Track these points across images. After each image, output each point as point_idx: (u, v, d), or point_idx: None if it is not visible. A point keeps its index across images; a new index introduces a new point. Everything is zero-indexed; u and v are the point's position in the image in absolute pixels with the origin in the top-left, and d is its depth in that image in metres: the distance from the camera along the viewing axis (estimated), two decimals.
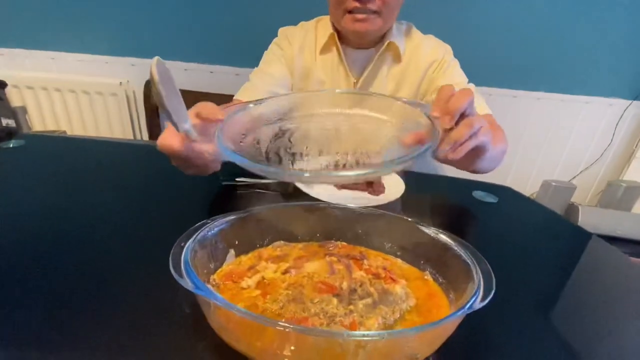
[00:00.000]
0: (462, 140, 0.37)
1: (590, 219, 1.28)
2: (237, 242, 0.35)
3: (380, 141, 0.40)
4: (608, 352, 0.34)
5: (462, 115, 0.38)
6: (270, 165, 0.36)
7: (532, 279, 0.45)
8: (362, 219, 0.43)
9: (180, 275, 0.26)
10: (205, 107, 0.36)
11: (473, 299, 0.27)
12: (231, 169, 0.45)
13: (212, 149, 0.39)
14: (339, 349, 0.24)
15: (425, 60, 0.77)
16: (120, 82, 1.36)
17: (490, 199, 0.70)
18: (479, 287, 0.29)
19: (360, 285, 0.32)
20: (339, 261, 0.36)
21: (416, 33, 0.80)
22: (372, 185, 0.64)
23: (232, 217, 0.36)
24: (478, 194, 0.71)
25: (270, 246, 0.39)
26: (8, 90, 1.30)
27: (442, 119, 0.36)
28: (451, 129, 0.37)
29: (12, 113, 1.22)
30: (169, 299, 0.32)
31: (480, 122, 0.38)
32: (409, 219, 0.40)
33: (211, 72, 1.41)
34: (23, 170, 0.63)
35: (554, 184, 1.37)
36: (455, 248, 0.35)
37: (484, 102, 0.74)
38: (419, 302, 0.33)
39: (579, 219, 1.25)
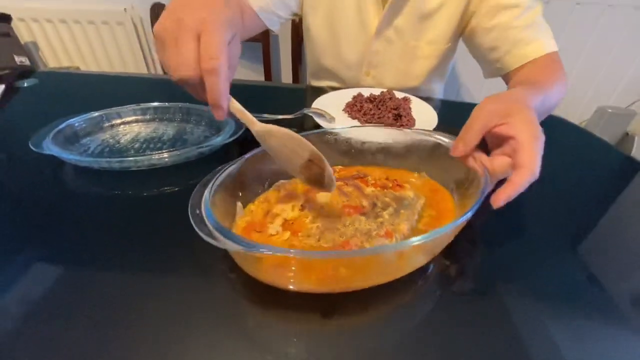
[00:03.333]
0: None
1: None
2: (240, 194, 0.33)
3: None
4: None
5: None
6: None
7: (575, 215, 0.40)
8: (347, 138, 0.42)
9: (217, 239, 0.24)
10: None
11: (484, 179, 0.30)
12: None
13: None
14: (386, 258, 0.26)
15: None
16: (125, 9, 1.26)
17: None
18: (485, 174, 0.30)
19: (377, 199, 0.34)
20: (346, 184, 0.36)
21: None
22: (400, 119, 0.58)
23: (231, 168, 0.32)
24: None
25: (272, 188, 0.37)
26: (15, 25, 1.24)
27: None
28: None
29: (24, 49, 1.19)
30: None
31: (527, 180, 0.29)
32: (389, 127, 0.42)
33: None
34: (39, 112, 0.61)
35: (609, 110, 1.20)
36: (444, 143, 0.37)
37: (548, 31, 0.60)
38: (427, 199, 0.36)
39: (633, 150, 1.12)
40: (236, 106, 0.31)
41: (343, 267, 0.25)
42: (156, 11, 1.24)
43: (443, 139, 0.37)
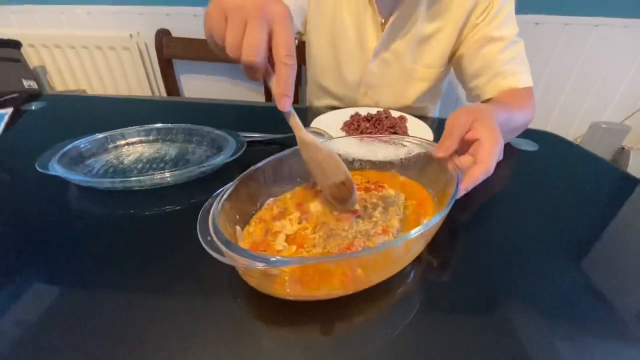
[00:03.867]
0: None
1: None
2: (237, 217, 0.34)
3: None
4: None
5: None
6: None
7: (571, 230, 0.41)
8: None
9: (239, 261, 0.24)
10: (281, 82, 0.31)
11: (455, 170, 0.34)
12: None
13: None
14: (397, 251, 0.29)
15: None
16: (131, 35, 1.31)
17: (530, 146, 0.63)
18: (455, 167, 0.34)
19: (366, 201, 0.36)
20: None
21: None
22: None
23: (227, 193, 0.33)
24: (516, 141, 0.64)
25: (263, 208, 0.37)
26: (24, 50, 1.29)
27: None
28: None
29: (32, 74, 1.23)
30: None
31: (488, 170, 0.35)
32: (357, 137, 0.45)
33: None
34: (46, 134, 0.63)
35: (604, 125, 1.22)
36: (410, 144, 0.42)
37: (527, 68, 0.65)
38: (406, 193, 0.39)
39: (629, 164, 1.13)
40: (292, 111, 0.33)
41: (360, 267, 0.27)
42: (160, 37, 1.29)
43: (412, 142, 0.42)
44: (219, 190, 0.32)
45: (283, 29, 0.30)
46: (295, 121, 0.33)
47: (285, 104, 0.31)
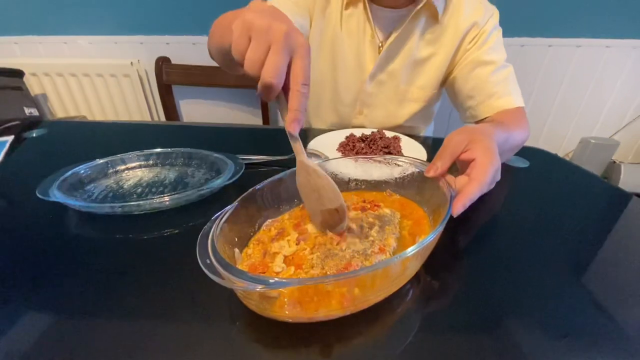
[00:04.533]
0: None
1: (633, 177, 1.18)
2: (236, 240, 0.34)
3: None
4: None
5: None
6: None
7: (566, 245, 0.41)
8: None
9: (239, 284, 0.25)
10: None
11: (447, 187, 0.35)
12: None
13: None
14: (394, 269, 0.29)
15: (465, 20, 0.68)
16: (131, 62, 1.35)
17: (522, 163, 0.64)
18: (447, 185, 0.35)
19: (362, 221, 0.37)
20: None
21: None
22: None
23: (226, 216, 0.33)
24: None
25: (262, 229, 0.38)
26: (27, 79, 1.32)
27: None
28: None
29: (34, 101, 1.26)
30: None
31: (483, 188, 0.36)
32: (352, 157, 0.46)
33: None
34: (48, 160, 0.64)
35: (593, 141, 1.25)
36: (404, 164, 0.43)
37: (517, 89, 0.68)
38: (400, 212, 0.39)
39: (621, 178, 1.15)
40: (297, 137, 0.34)
41: (357, 286, 0.28)
42: (160, 64, 1.34)
43: (406, 161, 0.43)
44: (218, 213, 0.33)
45: (303, 59, 0.31)
46: (299, 147, 0.34)
47: (295, 128, 0.32)
